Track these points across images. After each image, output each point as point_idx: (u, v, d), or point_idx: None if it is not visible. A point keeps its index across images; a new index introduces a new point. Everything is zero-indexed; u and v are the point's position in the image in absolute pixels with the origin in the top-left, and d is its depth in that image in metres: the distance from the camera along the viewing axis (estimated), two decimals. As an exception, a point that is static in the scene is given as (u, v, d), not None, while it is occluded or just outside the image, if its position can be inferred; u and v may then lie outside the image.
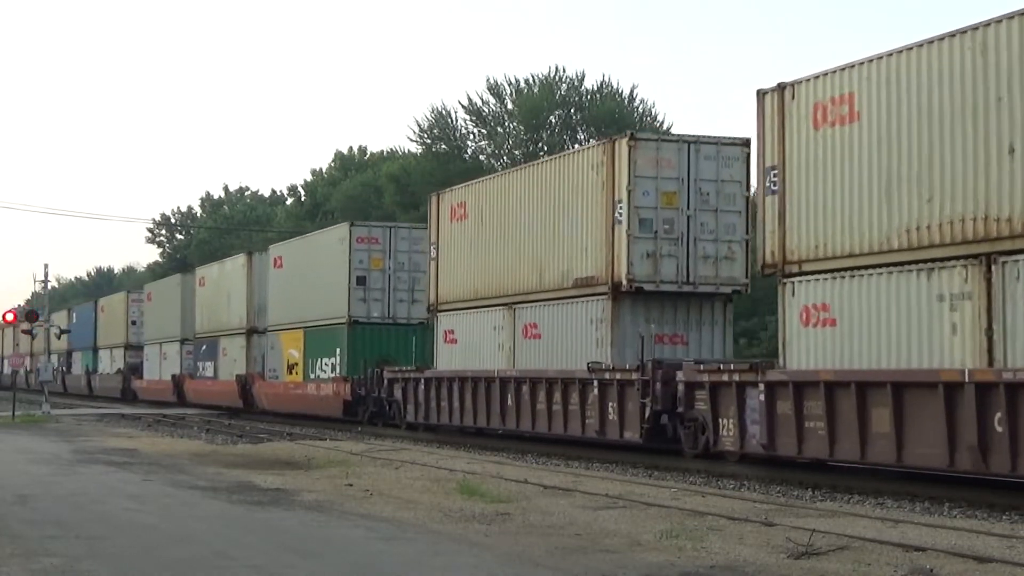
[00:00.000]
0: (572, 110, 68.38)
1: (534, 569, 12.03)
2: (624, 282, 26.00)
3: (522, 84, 69.67)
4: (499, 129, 70.46)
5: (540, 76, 69.17)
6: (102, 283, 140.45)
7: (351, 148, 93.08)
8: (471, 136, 71.56)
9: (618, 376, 25.32)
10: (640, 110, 67.76)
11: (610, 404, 25.65)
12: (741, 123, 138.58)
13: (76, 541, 13.77)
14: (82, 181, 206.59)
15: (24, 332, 60.82)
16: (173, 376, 58.95)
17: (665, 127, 66.68)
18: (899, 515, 16.31)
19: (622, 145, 26.45)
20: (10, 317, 57.68)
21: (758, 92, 21.46)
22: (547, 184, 29.14)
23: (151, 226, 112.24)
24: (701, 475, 22.23)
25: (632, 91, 69.16)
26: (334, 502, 17.59)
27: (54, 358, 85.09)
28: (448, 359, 33.21)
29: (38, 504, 17.41)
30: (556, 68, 69.67)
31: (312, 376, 42.14)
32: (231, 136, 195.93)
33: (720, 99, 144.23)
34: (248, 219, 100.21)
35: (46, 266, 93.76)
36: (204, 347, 54.94)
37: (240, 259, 51.42)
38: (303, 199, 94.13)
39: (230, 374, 50.57)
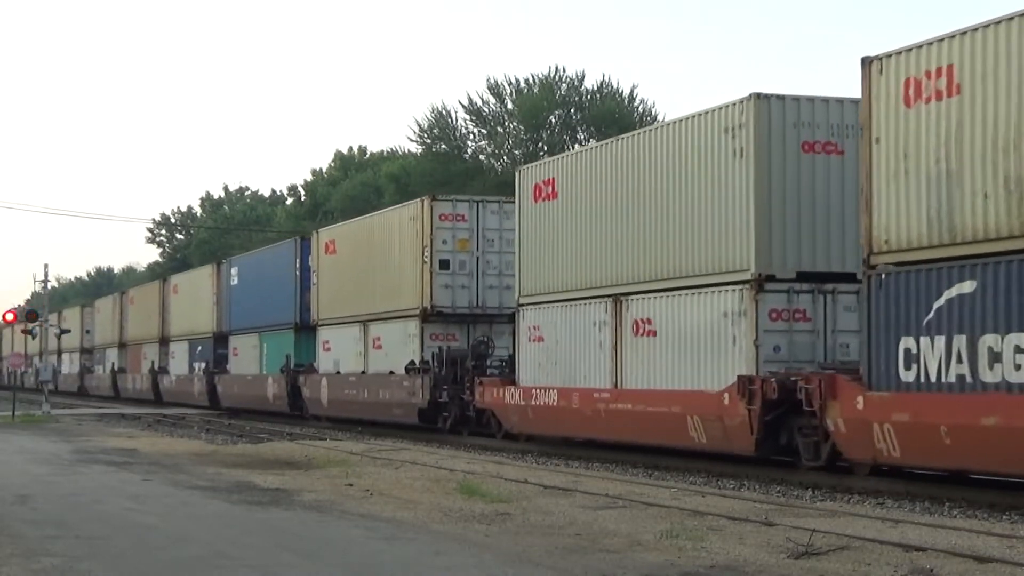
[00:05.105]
0: (572, 110, 68.41)
1: (534, 569, 12.02)
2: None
3: (522, 84, 69.73)
4: (499, 129, 70.46)
5: (540, 76, 69.26)
6: (102, 283, 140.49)
7: (351, 148, 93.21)
8: (471, 136, 71.63)
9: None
10: (640, 110, 67.82)
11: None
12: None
13: (76, 541, 13.77)
14: (82, 181, 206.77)
15: (24, 332, 57.54)
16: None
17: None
18: (899, 515, 16.29)
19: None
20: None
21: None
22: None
23: (151, 226, 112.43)
24: (701, 475, 22.23)
25: (632, 91, 69.27)
26: (334, 502, 17.58)
27: (177, 347, 56.92)
28: None
29: (38, 504, 17.41)
30: (556, 68, 69.81)
31: None
32: (231, 136, 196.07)
33: (720, 99, 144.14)
34: (248, 219, 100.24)
35: (46, 266, 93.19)
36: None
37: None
38: (303, 199, 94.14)
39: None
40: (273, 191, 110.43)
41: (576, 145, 66.28)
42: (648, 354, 23.91)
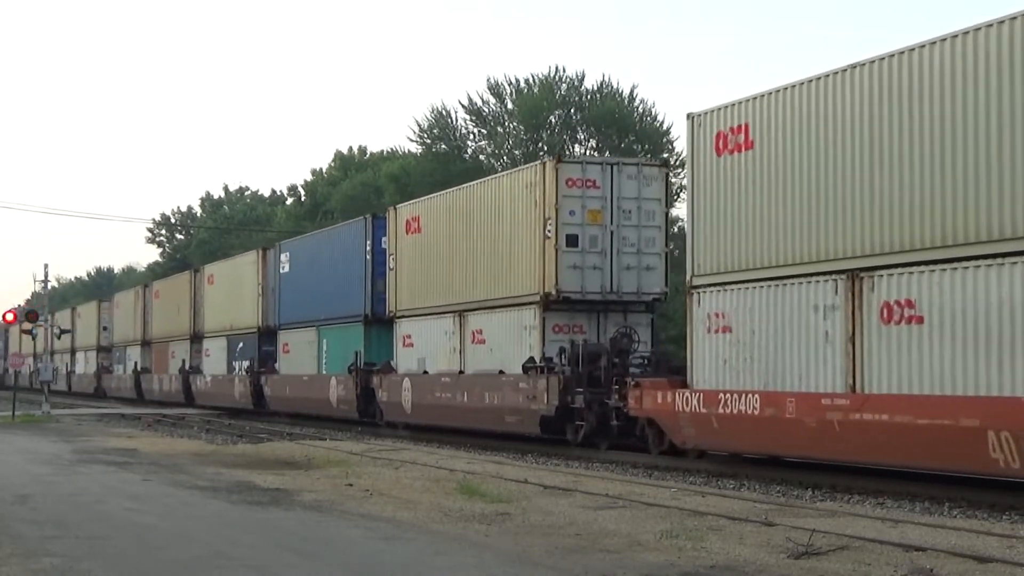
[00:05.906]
0: (572, 110, 68.35)
1: (534, 569, 12.03)
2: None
3: (522, 84, 69.69)
4: (499, 129, 70.43)
5: (540, 76, 69.19)
6: (102, 283, 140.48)
7: (351, 148, 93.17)
8: (471, 136, 71.57)
9: None
10: (640, 110, 67.78)
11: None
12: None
13: (76, 541, 13.78)
14: (82, 181, 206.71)
15: (24, 332, 56.75)
16: None
17: (665, 127, 66.73)
18: (899, 515, 16.31)
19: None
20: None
21: None
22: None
23: (151, 226, 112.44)
24: (701, 475, 22.23)
25: (632, 91, 69.19)
26: (334, 502, 17.58)
27: (213, 344, 50.50)
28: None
29: (38, 504, 17.41)
30: (556, 68, 69.72)
31: None
32: (231, 136, 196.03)
33: (721, 98, 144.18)
34: (248, 219, 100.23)
35: (46, 266, 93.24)
36: None
37: None
38: (303, 199, 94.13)
39: None
40: (273, 191, 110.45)
41: (576, 146, 66.28)
42: (908, 348, 18.20)
